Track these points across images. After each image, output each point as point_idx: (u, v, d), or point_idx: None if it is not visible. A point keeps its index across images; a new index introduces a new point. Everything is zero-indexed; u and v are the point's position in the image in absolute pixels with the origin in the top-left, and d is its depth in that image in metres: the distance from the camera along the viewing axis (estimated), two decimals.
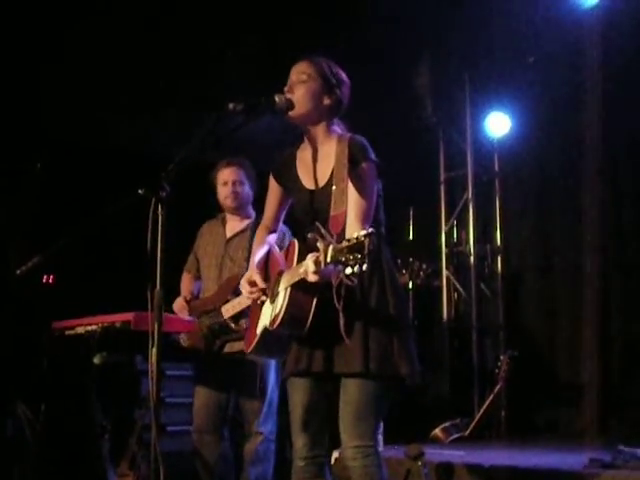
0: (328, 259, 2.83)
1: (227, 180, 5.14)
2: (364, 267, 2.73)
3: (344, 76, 3.48)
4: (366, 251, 2.71)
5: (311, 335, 3.20)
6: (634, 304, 6.90)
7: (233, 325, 4.81)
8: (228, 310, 4.84)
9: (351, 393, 3.24)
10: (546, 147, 7.65)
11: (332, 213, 3.13)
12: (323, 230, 2.97)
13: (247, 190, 5.16)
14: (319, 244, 2.91)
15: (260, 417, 4.93)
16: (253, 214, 5.18)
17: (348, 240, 2.76)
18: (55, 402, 4.92)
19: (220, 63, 6.73)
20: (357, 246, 2.72)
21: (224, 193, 5.16)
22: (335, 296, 3.05)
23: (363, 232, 2.74)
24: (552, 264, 7.61)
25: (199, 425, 5.01)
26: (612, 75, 6.84)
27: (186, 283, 5.34)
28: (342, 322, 3.10)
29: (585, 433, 6.77)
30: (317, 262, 2.92)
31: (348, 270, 2.75)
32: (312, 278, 2.98)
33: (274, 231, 3.65)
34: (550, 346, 7.51)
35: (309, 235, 3.06)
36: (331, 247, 2.82)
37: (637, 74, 6.76)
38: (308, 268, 2.97)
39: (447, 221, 8.42)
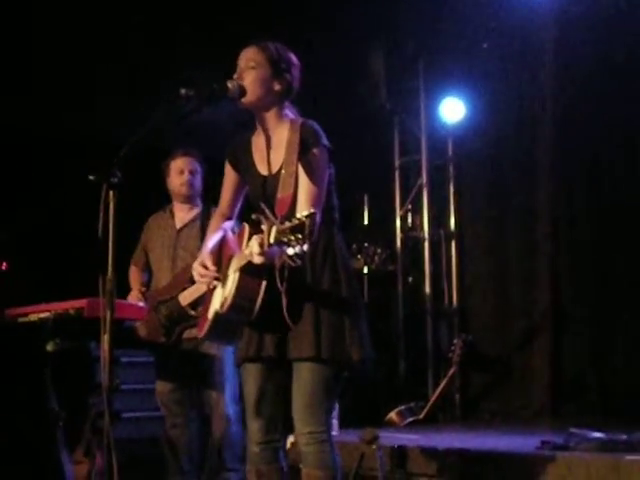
0: (271, 240, 2.84)
1: (183, 168, 5.23)
2: (305, 247, 2.74)
3: (293, 58, 3.47)
4: (307, 231, 2.72)
5: (263, 320, 3.21)
6: (587, 288, 6.99)
7: (192, 312, 4.86)
8: (186, 297, 4.89)
9: (303, 378, 3.26)
10: (500, 132, 7.70)
11: (279, 195, 3.15)
12: (268, 211, 2.98)
13: (199, 181, 5.25)
14: (263, 226, 2.93)
15: (224, 401, 4.99)
16: (201, 204, 5.23)
17: (290, 221, 2.77)
18: (8, 390, 4.88)
19: (173, 45, 6.69)
20: (299, 226, 2.74)
21: (179, 181, 5.23)
22: (278, 277, 3.06)
23: (305, 212, 2.76)
24: (506, 248, 7.67)
25: (168, 411, 5.15)
26: (566, 61, 6.90)
27: (136, 276, 5.41)
28: (284, 304, 3.13)
29: (537, 416, 6.86)
30: (261, 243, 2.93)
31: (290, 251, 2.77)
32: (257, 260, 2.99)
33: (230, 218, 3.64)
34: (503, 330, 7.58)
35: (253, 216, 3.06)
36: (274, 228, 2.83)
37: (591, 60, 6.82)
38: (252, 249, 2.98)
39: (402, 206, 8.44)
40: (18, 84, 6.36)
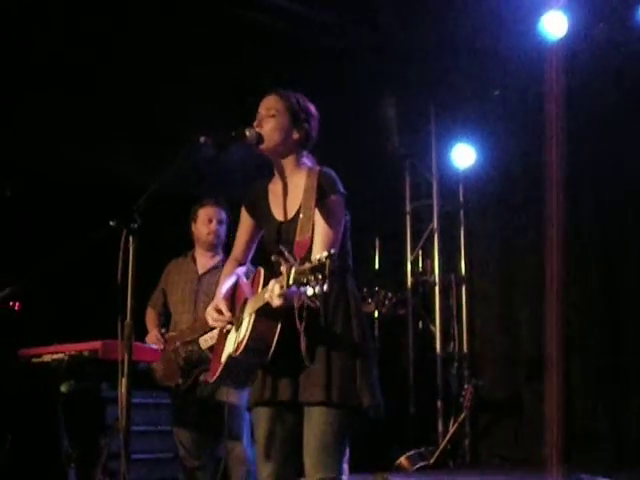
0: (290, 281, 2.86)
1: (212, 218, 5.37)
2: (325, 287, 2.76)
3: (313, 109, 3.53)
4: (327, 271, 2.74)
5: (276, 364, 3.21)
6: (598, 331, 6.98)
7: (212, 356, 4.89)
8: (207, 341, 4.92)
9: (315, 423, 3.24)
10: (510, 179, 7.75)
11: (297, 239, 3.18)
12: (287, 254, 3.00)
13: (225, 231, 5.38)
14: (282, 267, 2.95)
15: (242, 446, 5.06)
16: (222, 254, 5.34)
17: (310, 261, 2.80)
18: (22, 431, 4.90)
19: (188, 94, 6.77)
20: (319, 267, 2.76)
21: (207, 230, 5.36)
22: (297, 317, 3.07)
23: (325, 253, 2.78)
24: (516, 293, 7.69)
25: (188, 454, 5.18)
26: (575, 109, 6.95)
27: (152, 318, 5.50)
28: (303, 344, 3.12)
29: (547, 462, 6.82)
30: (281, 285, 2.95)
31: (309, 291, 2.79)
32: (277, 302, 2.99)
33: (243, 263, 3.65)
34: (513, 375, 7.57)
35: (273, 257, 3.08)
36: (293, 269, 2.85)
37: (600, 107, 6.89)
38: (273, 292, 2.99)
39: (412, 251, 8.48)
40: (32, 126, 6.42)
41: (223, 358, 3.37)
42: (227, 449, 5.07)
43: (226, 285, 3.54)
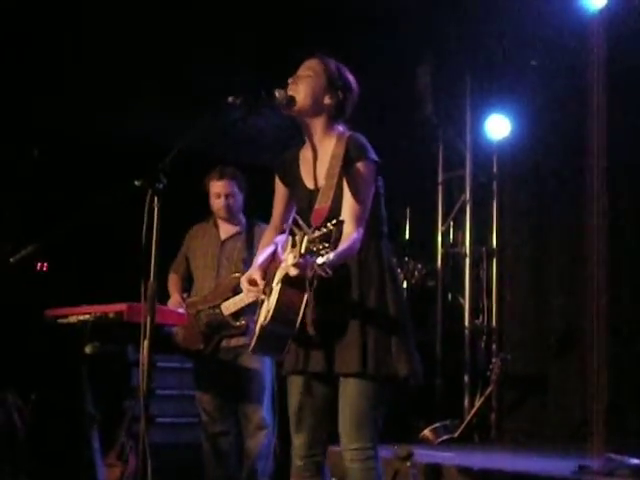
0: (302, 250, 2.84)
1: (220, 193, 5.29)
2: (331, 256, 2.75)
3: (353, 83, 3.47)
4: (332, 239, 2.71)
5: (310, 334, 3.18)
6: (632, 308, 6.89)
7: (234, 323, 4.91)
8: (228, 307, 4.94)
9: (349, 394, 3.23)
10: (546, 151, 7.63)
11: (316, 206, 3.13)
12: (301, 222, 2.97)
13: (239, 201, 5.34)
14: (297, 237, 2.92)
15: (262, 412, 4.99)
16: (244, 219, 5.29)
17: (319, 229, 2.77)
18: (46, 391, 4.90)
19: (221, 56, 6.71)
20: (326, 235, 2.73)
21: (216, 205, 5.32)
22: (308, 287, 3.04)
23: (334, 221, 2.75)
24: (548, 267, 7.60)
25: (210, 419, 5.18)
26: (616, 80, 6.82)
27: (175, 283, 5.46)
28: (310, 315, 3.10)
29: (574, 438, 6.76)
30: (295, 255, 2.92)
31: (319, 260, 2.76)
32: (292, 272, 2.96)
33: (283, 231, 3.60)
34: (542, 349, 7.50)
35: (289, 226, 3.05)
36: (305, 238, 2.83)
37: None
38: (288, 262, 2.97)
39: (444, 222, 8.40)
40: (62, 88, 6.40)
41: (257, 328, 3.37)
42: (246, 415, 5.06)
43: (263, 255, 3.52)
